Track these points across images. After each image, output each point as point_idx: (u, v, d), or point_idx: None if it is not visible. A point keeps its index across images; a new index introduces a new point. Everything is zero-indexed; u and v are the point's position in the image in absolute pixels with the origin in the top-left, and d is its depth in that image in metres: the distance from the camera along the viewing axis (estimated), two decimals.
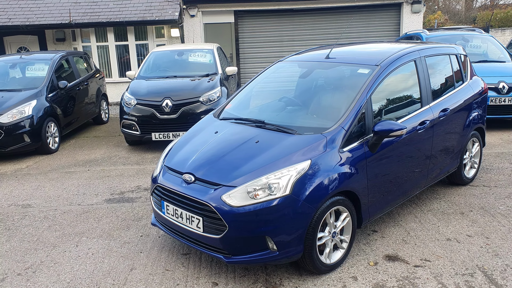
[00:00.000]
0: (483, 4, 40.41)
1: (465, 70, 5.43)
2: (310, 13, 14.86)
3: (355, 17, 14.92)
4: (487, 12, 31.72)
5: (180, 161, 3.95)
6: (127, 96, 7.79)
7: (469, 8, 38.86)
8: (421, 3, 14.74)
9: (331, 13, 14.91)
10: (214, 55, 8.96)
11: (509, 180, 5.71)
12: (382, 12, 15.05)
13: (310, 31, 14.99)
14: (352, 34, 14.97)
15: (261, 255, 3.44)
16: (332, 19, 14.96)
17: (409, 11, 14.83)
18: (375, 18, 15.05)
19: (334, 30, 14.99)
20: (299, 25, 14.99)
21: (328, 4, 14.50)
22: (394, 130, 3.81)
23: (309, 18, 14.96)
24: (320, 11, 14.83)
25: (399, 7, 14.96)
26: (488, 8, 36.34)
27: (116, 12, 13.58)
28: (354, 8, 14.81)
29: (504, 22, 26.66)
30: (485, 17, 29.79)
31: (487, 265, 3.78)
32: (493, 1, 40.04)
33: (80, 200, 5.58)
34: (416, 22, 14.95)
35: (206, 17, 14.61)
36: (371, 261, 3.92)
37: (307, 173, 3.47)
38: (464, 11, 38.45)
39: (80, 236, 4.59)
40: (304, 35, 15.00)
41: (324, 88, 4.56)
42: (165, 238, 4.47)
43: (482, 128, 5.58)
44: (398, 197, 4.38)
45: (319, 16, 14.94)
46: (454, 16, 37.48)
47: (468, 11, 37.95)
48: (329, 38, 14.95)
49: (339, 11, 14.87)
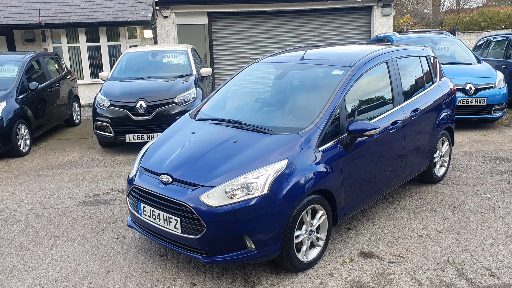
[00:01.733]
0: (449, 8, 41.60)
1: (435, 72, 5.60)
2: (283, 15, 14.99)
3: (327, 19, 15.13)
4: (454, 16, 32.67)
5: (157, 162, 3.94)
6: (100, 97, 7.70)
7: (436, 12, 39.91)
8: (391, 7, 15.05)
9: (303, 16, 15.08)
10: (189, 56, 8.95)
11: (476, 178, 5.90)
12: (353, 15, 15.30)
13: (283, 33, 15.12)
14: (324, 37, 15.17)
15: (240, 255, 3.47)
16: (304, 21, 15.13)
17: (379, 14, 15.12)
18: (347, 21, 15.29)
19: (307, 32, 15.16)
20: (272, 27, 15.09)
21: (301, 7, 14.66)
22: (367, 129, 3.91)
23: (282, 20, 15.09)
24: (293, 14, 14.98)
25: (370, 10, 15.24)
26: (454, 12, 37.43)
27: (88, 12, 13.37)
28: (326, 11, 15.01)
29: (469, 26, 27.51)
30: (451, 21, 30.67)
31: (458, 260, 3.91)
32: (459, 5, 41.27)
33: (53, 203, 5.48)
34: (386, 25, 15.26)
35: (179, 18, 14.55)
36: (347, 258, 4.00)
37: (284, 172, 3.52)
38: (432, 14, 39.46)
39: (55, 239, 4.52)
40: (277, 37, 15.11)
41: (299, 89, 4.63)
42: (142, 240, 4.44)
43: (451, 127, 5.76)
44: (372, 195, 4.48)
45: (292, 18, 15.08)
46: (423, 19, 38.42)
47: (435, 15, 38.98)
48: (302, 40, 15.10)
49: (312, 13, 15.06)
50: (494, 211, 4.87)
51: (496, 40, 12.03)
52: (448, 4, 42.62)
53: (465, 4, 41.78)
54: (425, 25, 35.14)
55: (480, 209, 4.92)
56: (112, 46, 13.98)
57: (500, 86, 8.61)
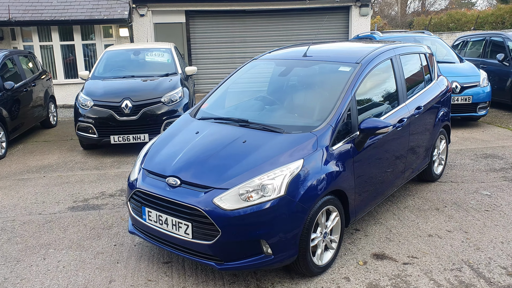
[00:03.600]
0: (415, 10, 42.55)
1: (433, 69, 5.56)
2: (262, 14, 14.85)
3: (306, 19, 15.09)
4: (423, 17, 33.41)
5: (161, 164, 3.71)
6: (83, 97, 7.35)
7: (404, 14, 40.75)
8: (368, 6, 15.14)
9: (282, 15, 14.99)
10: (172, 54, 8.68)
11: (473, 175, 5.90)
12: (331, 15, 15.31)
13: (262, 32, 14.99)
14: (302, 36, 15.12)
15: (256, 260, 3.29)
16: (283, 21, 15.04)
17: (357, 14, 15.19)
18: (325, 21, 15.28)
19: (286, 31, 15.08)
20: (251, 26, 14.94)
21: (279, 6, 14.55)
22: (379, 127, 3.80)
23: (261, 20, 14.95)
24: (272, 13, 14.86)
25: (348, 10, 15.29)
26: (421, 14, 38.30)
27: (61, 10, 12.87)
28: (305, 11, 14.97)
29: (438, 27, 28.18)
30: (421, 22, 31.37)
31: (472, 259, 3.84)
32: (424, 7, 42.27)
33: (40, 209, 5.15)
34: (364, 25, 15.34)
35: (156, 17, 14.21)
36: (360, 260, 3.87)
37: (301, 172, 3.36)
38: (400, 16, 40.25)
39: (46, 248, 4.22)
40: (256, 36, 14.97)
41: (306, 86, 4.48)
42: (142, 246, 4.20)
43: (448, 125, 5.74)
44: (380, 194, 4.38)
45: (271, 17, 14.97)
46: (392, 21, 39.17)
47: (403, 16, 39.79)
48: (281, 39, 15.00)
49: (290, 13, 14.98)
50: (497, 209, 4.84)
51: (474, 40, 12.23)
52: (414, 6, 43.60)
53: (430, 6, 42.86)
54: (394, 26, 35.80)
55: (483, 207, 4.89)
56: (87, 45, 13.50)
57: (484, 85, 8.71)
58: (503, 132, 8.25)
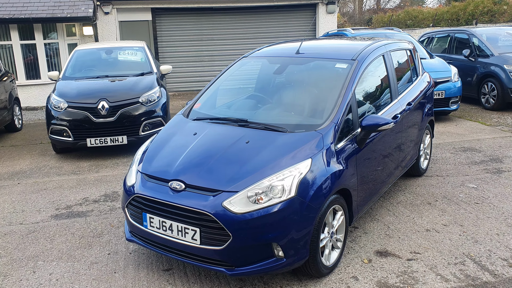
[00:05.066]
0: (371, 7, 43.53)
1: (419, 65, 5.62)
2: (229, 12, 14.71)
3: (273, 16, 15.07)
4: (381, 15, 34.22)
5: (161, 168, 3.55)
6: (55, 98, 7.00)
7: (360, 11, 41.59)
8: (335, 4, 15.28)
9: (250, 12, 14.91)
10: (146, 53, 8.42)
11: (456, 169, 6.02)
12: (298, 12, 15.36)
13: (229, 30, 14.86)
14: (270, 34, 15.10)
15: (267, 264, 3.20)
16: (251, 18, 14.97)
17: (324, 12, 15.30)
18: (292, 18, 15.32)
19: (253, 29, 15.02)
20: (218, 24, 14.77)
21: (247, 4, 14.46)
22: (380, 124, 3.78)
23: (228, 17, 14.81)
24: (239, 10, 14.75)
25: (315, 7, 15.38)
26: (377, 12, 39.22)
27: (20, 7, 12.27)
28: (272, 8, 14.95)
29: (396, 24, 28.98)
30: (379, 19, 32.15)
31: (473, 253, 3.89)
32: (380, 5, 43.29)
33: (20, 218, 4.85)
34: (331, 22, 15.48)
35: (121, 15, 13.81)
36: (365, 258, 3.85)
37: (309, 172, 3.29)
38: (358, 14, 41.04)
39: (35, 260, 3.96)
40: (224, 34, 14.83)
41: (304, 84, 4.41)
42: (138, 253, 4.01)
43: (432, 120, 5.82)
44: (378, 191, 4.38)
45: (238, 15, 14.86)
46: (350, 18, 39.87)
47: (360, 14, 40.62)
48: (249, 37, 14.95)
49: (258, 10, 14.92)
50: (486, 201, 4.94)
51: (439, 36, 12.55)
52: (370, 4, 44.55)
53: (385, 4, 43.91)
54: (353, 23, 36.46)
55: (472, 200, 4.99)
56: (49, 44, 12.93)
57: (455, 80, 8.94)
58: (475, 126, 8.49)
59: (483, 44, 10.41)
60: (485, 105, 10.13)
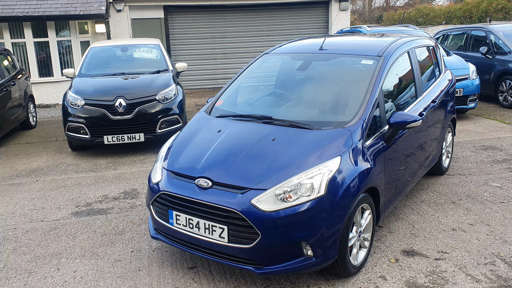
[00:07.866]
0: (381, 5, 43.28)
1: (441, 62, 5.53)
2: (242, 9, 14.65)
3: (286, 14, 14.98)
4: (392, 12, 33.99)
5: (187, 165, 3.51)
6: (72, 95, 6.99)
7: (370, 9, 41.40)
8: (348, 1, 15.16)
9: (262, 10, 14.83)
10: (161, 50, 8.39)
11: (478, 167, 5.92)
12: (311, 10, 15.26)
13: (242, 28, 14.79)
14: (282, 31, 15.02)
15: (296, 263, 3.14)
16: (263, 15, 14.89)
17: (337, 9, 15.18)
18: (305, 15, 15.22)
19: (266, 26, 14.94)
20: (231, 21, 14.71)
21: (259, 1, 14.38)
22: (409, 121, 3.72)
23: (241, 15, 14.75)
24: (252, 8, 14.68)
25: (328, 4, 15.27)
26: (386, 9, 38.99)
27: (34, 5, 12.29)
28: (284, 5, 14.86)
29: (407, 22, 28.76)
30: (390, 17, 31.95)
31: (503, 253, 3.81)
32: (389, 3, 43.04)
33: (41, 215, 4.83)
34: (344, 19, 15.36)
35: (133, 12, 13.79)
36: (392, 258, 3.78)
37: (339, 170, 3.23)
38: (368, 11, 40.84)
39: (58, 257, 3.94)
40: (237, 32, 14.77)
41: (329, 80, 4.34)
42: (161, 251, 3.98)
43: (455, 118, 5.73)
44: (404, 189, 4.30)
45: (251, 12, 14.79)
46: (360, 16, 39.67)
47: (370, 12, 40.41)
48: (262, 34, 14.87)
49: (270, 7, 14.84)
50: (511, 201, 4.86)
51: (454, 34, 12.40)
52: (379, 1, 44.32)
53: (394, 2, 43.65)
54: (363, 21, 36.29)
55: (497, 199, 4.90)
56: (61, 41, 12.95)
57: (473, 77, 8.82)
58: (493, 124, 8.37)
59: (501, 41, 10.26)
60: (503, 103, 9.98)
